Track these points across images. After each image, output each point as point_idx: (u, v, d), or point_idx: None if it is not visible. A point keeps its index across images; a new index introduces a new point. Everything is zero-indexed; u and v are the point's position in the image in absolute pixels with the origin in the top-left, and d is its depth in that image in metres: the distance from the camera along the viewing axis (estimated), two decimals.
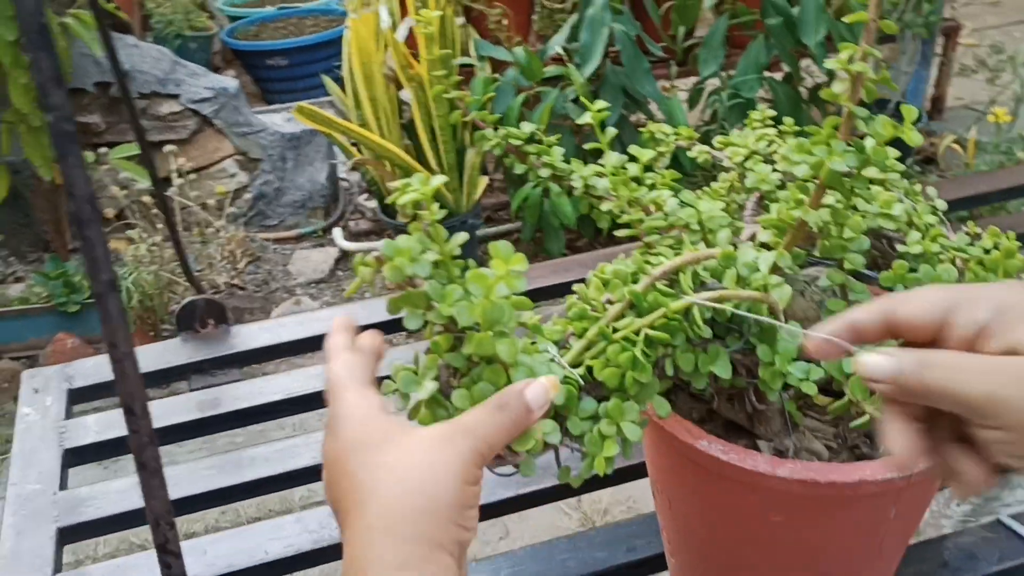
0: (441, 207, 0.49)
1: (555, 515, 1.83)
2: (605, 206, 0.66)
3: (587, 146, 0.70)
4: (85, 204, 0.37)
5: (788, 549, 0.64)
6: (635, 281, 0.57)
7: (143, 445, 0.44)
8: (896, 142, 0.57)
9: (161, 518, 0.45)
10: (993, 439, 0.41)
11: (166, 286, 2.41)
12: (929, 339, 0.44)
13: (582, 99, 2.42)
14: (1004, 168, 2.79)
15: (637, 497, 1.87)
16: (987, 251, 0.62)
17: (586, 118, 0.68)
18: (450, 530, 0.44)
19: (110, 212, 2.64)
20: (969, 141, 2.87)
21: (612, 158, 0.66)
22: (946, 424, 0.44)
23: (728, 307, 0.54)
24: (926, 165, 3.02)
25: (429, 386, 0.50)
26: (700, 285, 0.58)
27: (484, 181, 2.65)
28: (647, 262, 0.60)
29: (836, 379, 0.61)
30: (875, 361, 0.43)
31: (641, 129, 2.50)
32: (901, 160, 0.59)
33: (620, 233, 0.66)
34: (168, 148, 2.60)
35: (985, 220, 1.38)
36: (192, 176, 2.65)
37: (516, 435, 0.47)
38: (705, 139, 0.81)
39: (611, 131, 0.69)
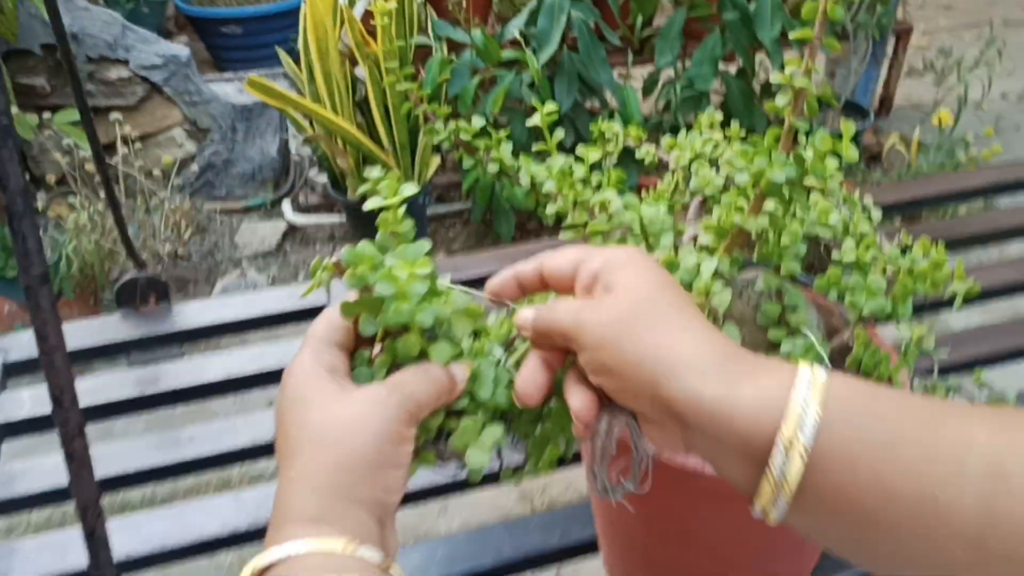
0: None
1: (494, 492, 1.85)
2: (551, 208, 0.67)
3: (536, 147, 0.71)
4: (17, 198, 0.37)
5: (717, 541, 0.66)
6: None
7: (71, 436, 0.44)
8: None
9: (89, 507, 0.45)
10: (583, 360, 0.48)
11: (107, 255, 2.37)
12: (569, 289, 0.51)
13: (537, 86, 2.42)
14: (944, 170, 2.86)
15: (576, 477, 1.90)
16: (915, 261, 0.64)
17: (535, 120, 0.69)
18: (370, 488, 0.46)
19: (52, 178, 2.58)
20: (913, 142, 2.94)
21: (559, 161, 0.67)
22: (575, 366, 0.51)
23: None
24: (872, 162, 3.08)
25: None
26: None
27: (436, 160, 2.65)
28: None
29: None
30: (521, 313, 0.51)
31: (594, 118, 2.52)
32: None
33: (565, 235, 0.67)
34: (113, 116, 2.54)
35: (925, 224, 1.42)
36: (138, 145, 2.60)
37: (442, 401, 0.49)
38: (657, 128, 0.83)
39: (559, 133, 0.70)
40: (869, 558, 0.43)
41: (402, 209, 0.48)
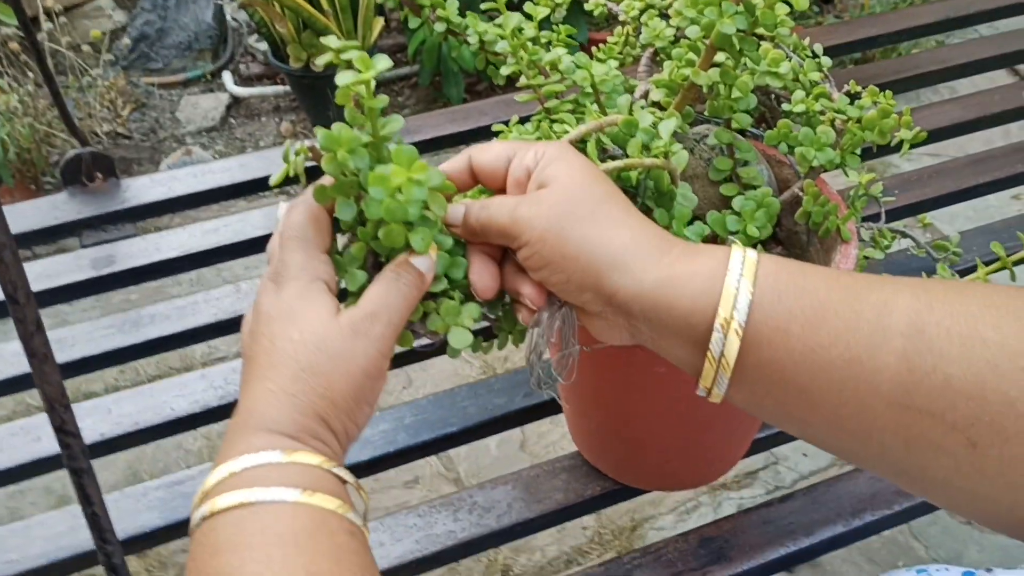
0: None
1: (457, 363, 1.88)
2: (505, 69, 0.66)
3: (483, 6, 0.69)
4: None
5: (668, 398, 0.69)
6: None
7: (30, 333, 0.43)
8: None
9: (55, 401, 0.45)
10: (523, 256, 0.49)
11: (44, 138, 2.28)
12: (501, 185, 0.52)
13: None
14: (897, 10, 2.83)
15: None
16: (863, 110, 0.65)
17: None
18: (342, 419, 0.47)
19: None
20: None
21: (512, 19, 0.65)
22: (512, 258, 0.52)
23: (633, 174, 0.56)
24: (824, 4, 3.03)
25: (358, 275, 0.49)
26: (602, 151, 0.59)
27: (380, 22, 2.55)
28: (551, 130, 0.61)
29: (720, 234, 0.64)
30: (451, 208, 0.51)
31: None
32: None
33: (520, 98, 0.66)
34: None
35: (876, 65, 1.41)
36: (63, 19, 2.47)
37: (414, 303, 0.49)
38: None
39: None
40: (805, 427, 0.46)
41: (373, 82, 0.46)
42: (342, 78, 0.44)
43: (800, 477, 1.76)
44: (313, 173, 0.50)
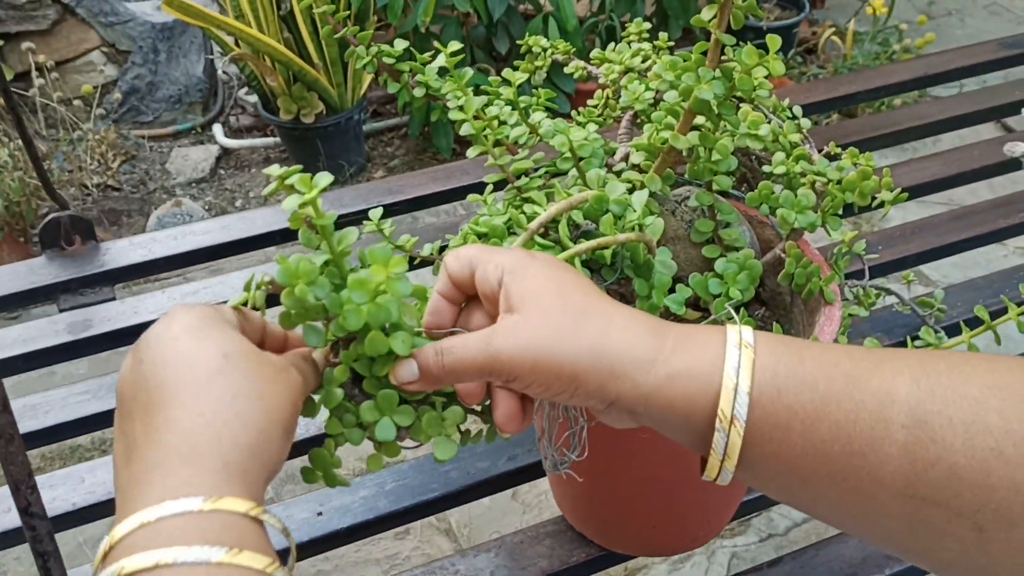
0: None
1: None
2: (471, 152, 0.66)
3: (455, 88, 0.68)
4: None
5: (652, 464, 0.67)
6: (511, 232, 0.57)
7: None
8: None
9: (21, 482, 0.44)
10: (518, 387, 0.47)
11: (33, 192, 2.28)
12: (474, 290, 0.49)
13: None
14: (879, 60, 2.87)
15: None
16: (843, 170, 0.64)
17: (440, 61, 0.67)
18: (274, 464, 0.43)
19: None
20: (848, 32, 2.93)
21: (473, 102, 0.65)
22: None
23: (607, 252, 0.56)
24: (807, 55, 3.07)
25: (336, 393, 0.48)
26: (575, 227, 0.59)
27: (370, 75, 2.58)
28: (521, 211, 0.60)
29: (703, 297, 0.63)
30: (401, 367, 0.47)
31: (529, 22, 2.44)
32: (783, 51, 0.60)
33: (489, 179, 0.65)
34: (26, 44, 2.42)
35: (861, 118, 1.42)
36: (55, 74, 2.48)
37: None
38: (593, 30, 0.80)
39: (467, 72, 0.68)
40: (810, 509, 0.46)
41: (320, 201, 0.44)
42: (288, 203, 0.44)
43: (793, 524, 1.73)
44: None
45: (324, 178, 0.44)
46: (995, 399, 0.41)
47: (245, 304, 0.50)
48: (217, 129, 2.80)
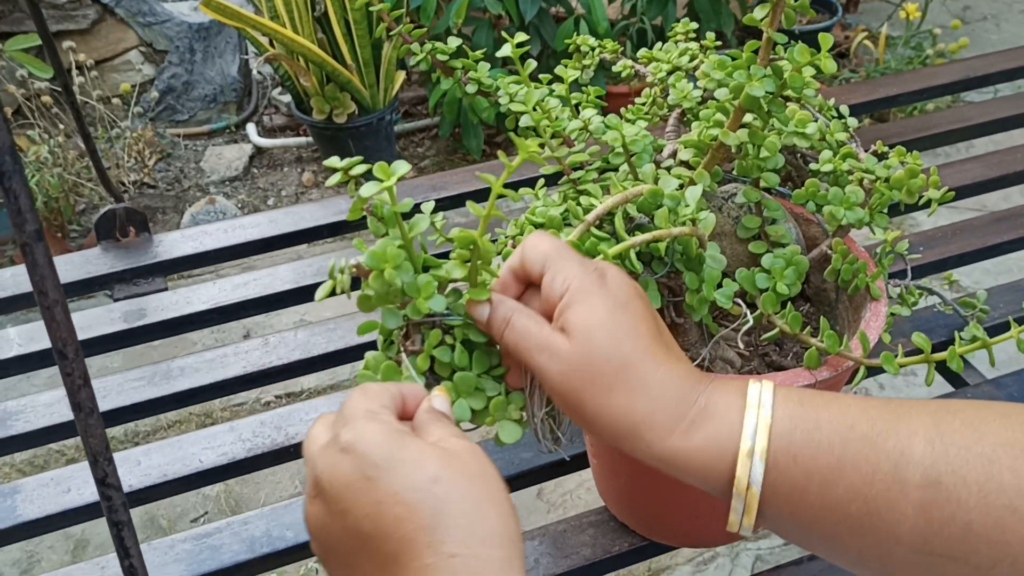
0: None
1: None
2: (531, 141, 0.67)
3: (508, 83, 0.70)
4: (6, 156, 0.37)
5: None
6: (567, 224, 0.59)
7: (77, 387, 0.44)
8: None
9: (99, 455, 0.46)
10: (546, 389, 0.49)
11: (72, 188, 2.33)
12: (538, 282, 0.50)
13: None
14: (912, 65, 2.86)
15: None
16: (891, 169, 0.66)
17: (506, 50, 0.68)
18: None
19: (8, 110, 2.51)
20: (881, 37, 2.92)
21: (536, 93, 0.67)
22: None
23: (662, 244, 0.57)
24: (840, 59, 3.07)
25: (419, 381, 0.50)
26: (628, 220, 0.60)
27: (401, 75, 2.60)
28: (577, 202, 0.62)
29: (749, 292, 0.64)
30: (476, 306, 0.50)
31: (560, 24, 2.45)
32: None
33: (545, 170, 0.67)
34: (67, 44, 2.46)
35: (894, 123, 1.43)
36: (94, 73, 2.52)
37: None
38: (624, 32, 0.81)
39: (531, 63, 0.69)
40: (832, 560, 0.48)
41: (393, 180, 0.46)
42: (367, 189, 0.45)
43: None
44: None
45: (401, 166, 0.46)
46: (1008, 457, 0.42)
47: (333, 292, 0.50)
48: (251, 128, 2.83)
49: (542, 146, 0.66)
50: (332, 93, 2.49)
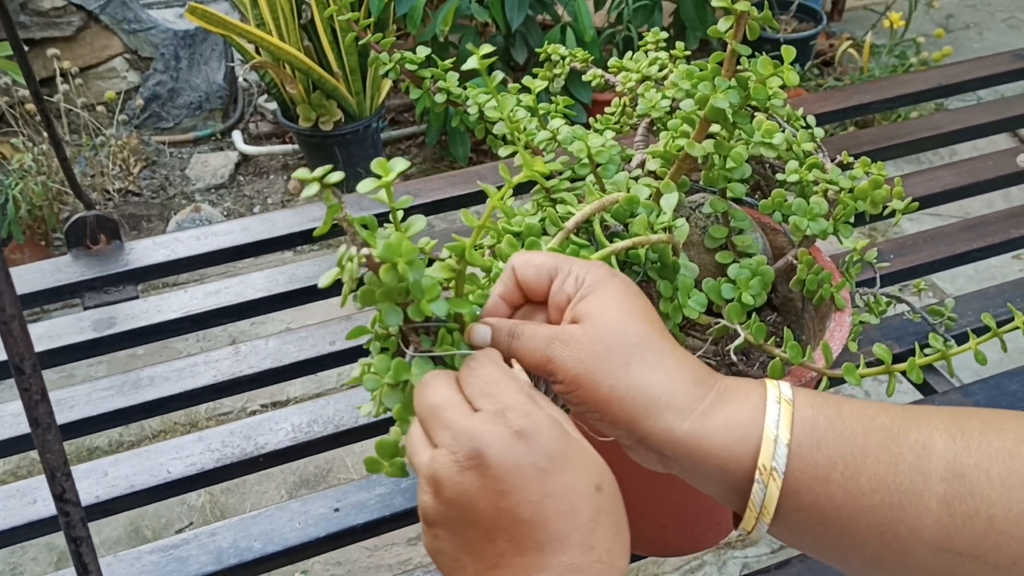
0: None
1: None
2: (503, 151, 0.67)
3: (476, 93, 0.70)
4: None
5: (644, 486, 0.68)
6: (545, 232, 0.59)
7: (35, 403, 0.44)
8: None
9: (57, 470, 0.45)
10: (558, 391, 0.48)
11: (55, 196, 2.32)
12: (544, 297, 0.50)
13: (487, 2, 2.36)
14: (895, 73, 2.87)
15: None
16: (855, 180, 0.65)
17: (472, 63, 0.68)
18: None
19: None
20: (865, 45, 2.94)
21: (507, 102, 0.67)
22: None
23: (641, 251, 0.57)
24: (824, 67, 3.08)
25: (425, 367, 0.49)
26: (604, 228, 0.60)
27: (388, 83, 2.60)
28: (553, 209, 0.62)
29: (716, 302, 0.64)
30: (476, 329, 0.49)
31: (547, 32, 2.46)
32: (800, 63, 0.62)
33: (516, 179, 0.67)
34: (51, 51, 2.45)
35: (876, 128, 1.44)
36: (79, 80, 2.52)
37: None
38: (610, 40, 0.82)
39: (498, 75, 0.69)
40: (843, 563, 0.47)
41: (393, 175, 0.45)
42: (363, 186, 0.44)
43: None
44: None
45: (400, 163, 0.45)
46: None
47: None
48: (236, 136, 2.83)
49: (514, 154, 0.66)
50: (318, 100, 2.48)
